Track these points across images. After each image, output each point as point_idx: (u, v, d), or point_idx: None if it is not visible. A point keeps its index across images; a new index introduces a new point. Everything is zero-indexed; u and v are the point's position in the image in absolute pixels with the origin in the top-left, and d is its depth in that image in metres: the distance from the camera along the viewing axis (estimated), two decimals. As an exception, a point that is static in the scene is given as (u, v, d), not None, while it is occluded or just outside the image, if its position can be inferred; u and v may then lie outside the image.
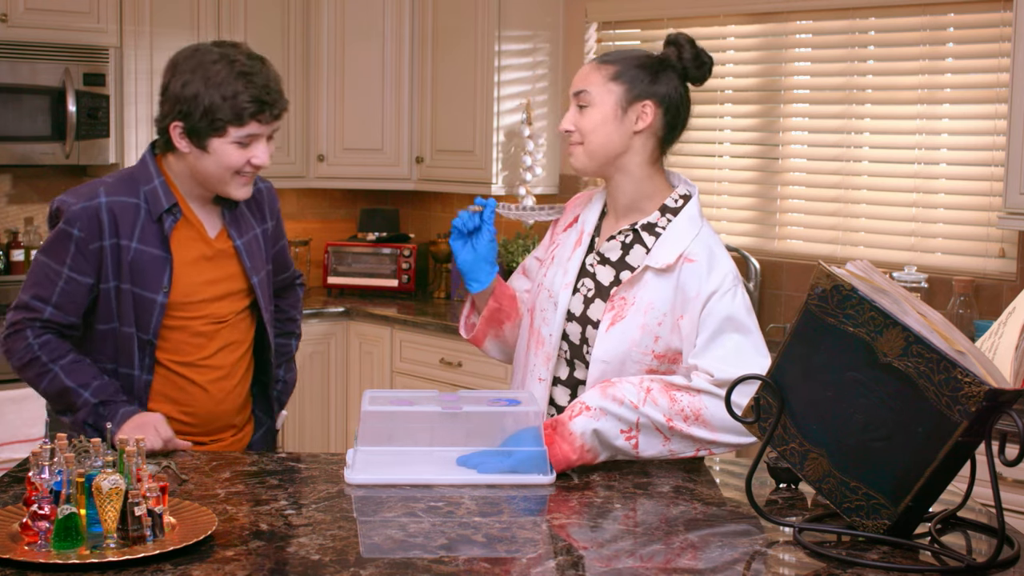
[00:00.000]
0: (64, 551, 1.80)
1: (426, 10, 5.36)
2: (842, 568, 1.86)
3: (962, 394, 1.80)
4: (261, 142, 2.52)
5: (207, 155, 2.49)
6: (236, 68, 2.45)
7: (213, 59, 2.47)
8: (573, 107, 2.49)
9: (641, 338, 2.39)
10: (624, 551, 1.93)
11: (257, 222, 2.72)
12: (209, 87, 2.44)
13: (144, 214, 2.53)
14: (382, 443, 2.32)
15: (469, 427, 2.36)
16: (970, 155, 4.03)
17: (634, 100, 2.44)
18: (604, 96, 2.44)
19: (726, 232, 4.73)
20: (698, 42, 2.49)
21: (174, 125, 2.49)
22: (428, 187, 5.49)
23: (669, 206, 2.48)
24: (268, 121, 2.50)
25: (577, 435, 2.30)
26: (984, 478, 1.97)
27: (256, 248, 2.69)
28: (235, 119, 2.45)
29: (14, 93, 4.68)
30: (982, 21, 3.98)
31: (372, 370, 5.21)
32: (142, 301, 2.53)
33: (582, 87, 2.47)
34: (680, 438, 2.33)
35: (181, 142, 2.50)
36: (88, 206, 2.49)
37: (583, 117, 2.46)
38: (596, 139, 2.46)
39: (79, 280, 2.50)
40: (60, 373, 2.50)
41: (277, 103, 2.51)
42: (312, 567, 1.81)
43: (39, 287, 2.51)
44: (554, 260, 2.57)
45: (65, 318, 2.52)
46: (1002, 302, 3.90)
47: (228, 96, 2.44)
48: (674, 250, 2.41)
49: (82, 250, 2.49)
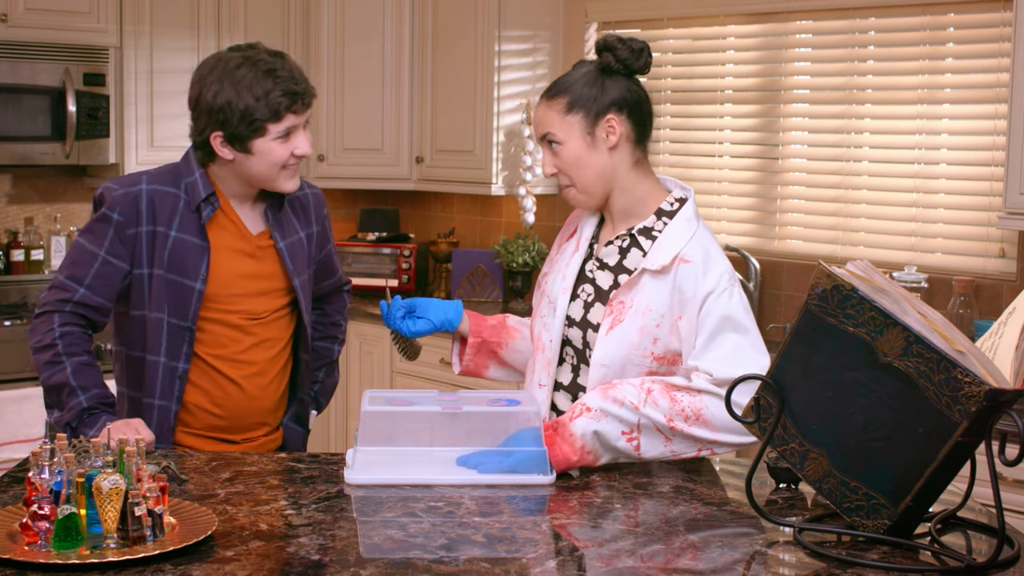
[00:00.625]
0: (64, 551, 1.80)
1: (426, 10, 5.36)
2: (842, 568, 1.86)
3: (962, 394, 1.80)
4: (299, 132, 2.57)
5: (252, 157, 2.54)
6: (261, 67, 2.51)
7: (237, 64, 2.52)
8: (546, 150, 2.49)
9: (640, 340, 2.39)
10: (624, 551, 1.93)
11: (302, 226, 2.76)
12: (240, 91, 2.49)
13: (183, 204, 2.58)
14: (382, 443, 2.32)
15: (469, 427, 2.36)
16: (970, 155, 4.03)
17: (596, 120, 2.43)
18: (568, 131, 2.44)
19: (726, 232, 4.73)
20: (633, 36, 2.48)
21: (214, 136, 2.54)
22: (428, 187, 5.49)
23: (665, 209, 2.48)
24: (302, 111, 2.56)
25: (578, 436, 2.30)
26: (984, 478, 1.97)
27: (300, 251, 2.73)
28: (272, 116, 2.51)
29: (14, 93, 4.68)
30: (982, 21, 3.98)
31: (372, 370, 5.21)
32: (180, 289, 2.58)
33: (545, 130, 2.46)
34: (681, 438, 2.33)
35: (224, 150, 2.55)
36: (129, 192, 2.56)
37: (558, 157, 2.46)
38: (582, 175, 2.46)
39: (114, 264, 2.56)
40: (68, 368, 2.53)
41: (308, 91, 2.57)
42: (312, 567, 1.81)
43: (75, 267, 2.57)
44: (554, 267, 2.58)
45: (95, 300, 2.57)
46: (1002, 302, 3.90)
47: (260, 96, 2.49)
48: (670, 252, 2.40)
49: (120, 235, 2.55)
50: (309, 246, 2.77)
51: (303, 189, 2.78)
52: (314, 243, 2.79)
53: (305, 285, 2.74)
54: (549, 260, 2.68)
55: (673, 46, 4.91)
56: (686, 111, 4.86)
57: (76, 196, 5.26)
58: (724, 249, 4.57)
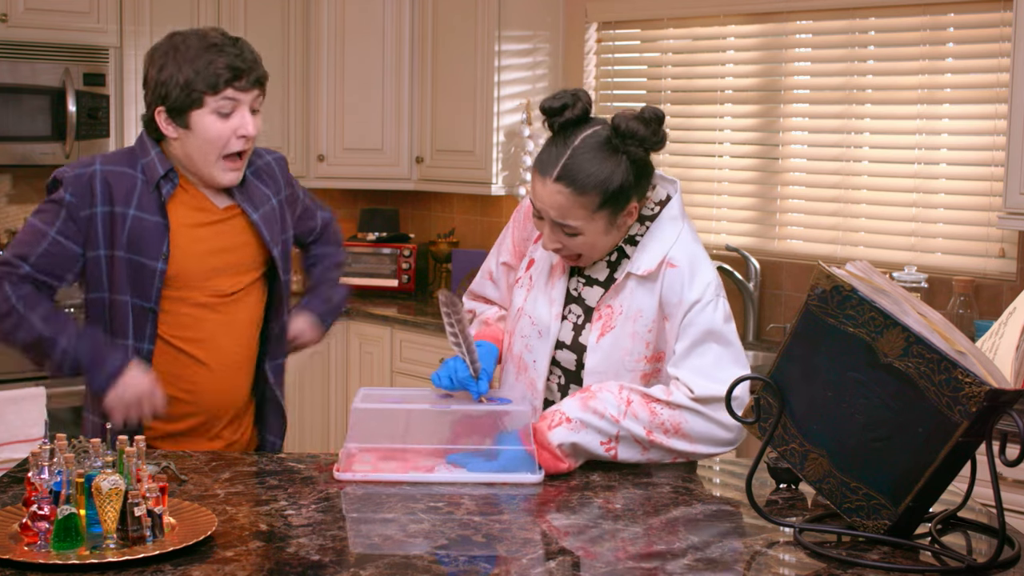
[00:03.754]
0: (64, 551, 1.80)
1: (426, 10, 5.36)
2: (842, 568, 1.86)
3: (962, 394, 1.80)
4: (243, 111, 2.50)
5: (191, 133, 2.49)
6: (208, 42, 2.47)
7: (184, 39, 2.49)
8: (553, 229, 2.34)
9: (633, 346, 2.38)
10: (624, 551, 1.93)
11: (272, 192, 2.69)
12: (182, 64, 2.46)
13: (141, 184, 2.52)
14: (372, 440, 2.32)
15: (459, 425, 2.37)
16: (970, 155, 4.03)
17: (620, 211, 2.34)
18: (591, 225, 2.33)
19: (726, 232, 4.73)
20: (644, 109, 2.34)
21: (158, 111, 2.50)
22: (428, 187, 5.49)
23: (646, 215, 2.44)
24: (246, 88, 2.49)
25: (555, 445, 2.31)
26: (984, 478, 1.97)
27: (274, 219, 2.66)
28: (210, 88, 2.46)
29: (14, 93, 4.68)
30: (982, 21, 3.98)
31: (372, 370, 5.21)
32: (141, 269, 2.51)
33: (563, 220, 2.31)
34: (659, 449, 2.34)
35: (168, 127, 2.50)
36: (82, 173, 2.50)
37: (573, 241, 2.35)
38: (597, 251, 2.39)
39: (65, 244, 2.50)
40: (36, 321, 2.47)
41: (253, 69, 2.50)
42: (312, 567, 1.81)
43: (22, 246, 2.51)
44: (532, 283, 2.50)
45: (42, 278, 2.50)
46: (1002, 302, 3.90)
47: (201, 68, 2.45)
48: (655, 255, 2.37)
49: (72, 215, 2.49)
50: (283, 211, 2.70)
51: (263, 157, 2.70)
52: (286, 207, 2.72)
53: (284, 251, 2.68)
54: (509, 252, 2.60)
55: (673, 46, 4.91)
56: (686, 111, 4.85)
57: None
58: (724, 249, 4.61)
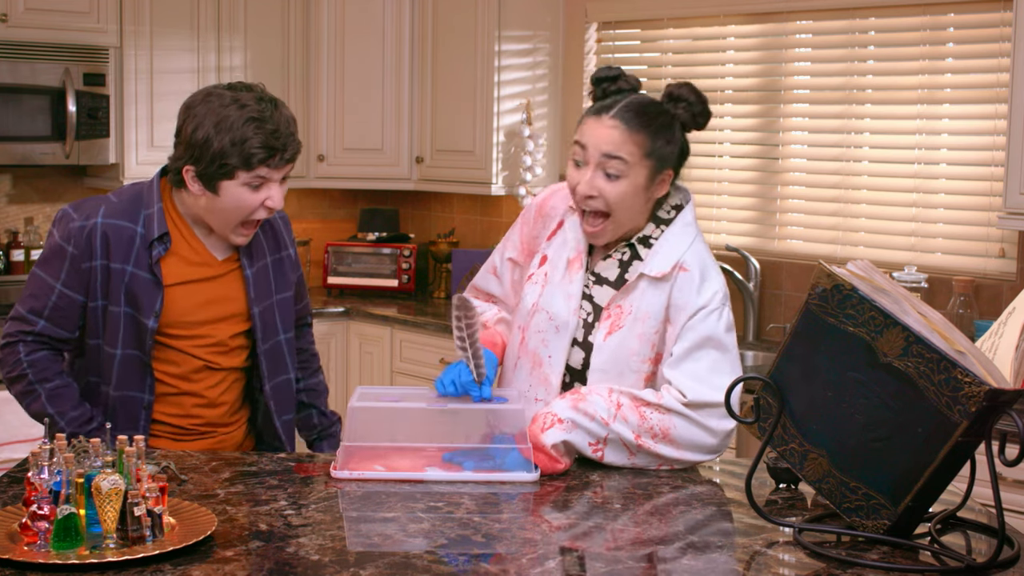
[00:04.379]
0: (63, 551, 1.80)
1: (426, 10, 5.36)
2: (842, 568, 1.86)
3: (962, 394, 1.80)
4: (273, 185, 2.51)
5: (218, 198, 2.50)
6: (247, 113, 2.44)
7: (225, 103, 2.46)
8: (595, 170, 2.36)
9: (640, 347, 2.39)
10: (624, 551, 1.93)
11: (271, 249, 2.71)
12: (220, 132, 2.44)
13: (140, 239, 2.54)
14: (369, 439, 2.33)
15: (456, 424, 2.37)
16: (970, 155, 4.03)
17: (659, 172, 2.39)
18: (638, 171, 2.35)
19: (726, 232, 4.73)
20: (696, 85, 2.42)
21: (186, 169, 2.50)
22: (428, 187, 5.49)
23: (662, 217, 2.46)
24: (278, 166, 2.49)
25: (549, 446, 2.31)
26: (984, 478, 1.97)
27: (265, 276, 2.68)
28: (244, 164, 2.45)
29: (14, 93, 4.68)
30: (982, 21, 3.98)
31: (372, 370, 5.21)
32: (137, 323, 2.55)
33: (616, 152, 2.34)
34: (645, 454, 2.35)
35: (194, 185, 2.51)
36: (85, 226, 2.52)
37: (611, 186, 2.35)
38: (624, 214, 2.38)
39: (71, 296, 2.54)
40: (43, 396, 2.53)
41: (288, 148, 2.49)
42: (312, 567, 1.81)
43: (33, 299, 2.55)
44: (548, 281, 2.50)
45: (57, 332, 2.55)
46: (1002, 302, 3.90)
47: (237, 142, 2.43)
48: (669, 259, 2.39)
49: (75, 267, 2.53)
50: (280, 268, 2.72)
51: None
52: (285, 266, 2.74)
53: (270, 310, 2.67)
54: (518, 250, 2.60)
55: (673, 46, 4.91)
56: (686, 111, 4.85)
57: (76, 196, 5.26)
58: (724, 249, 4.61)
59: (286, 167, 2.52)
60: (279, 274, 2.71)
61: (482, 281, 2.70)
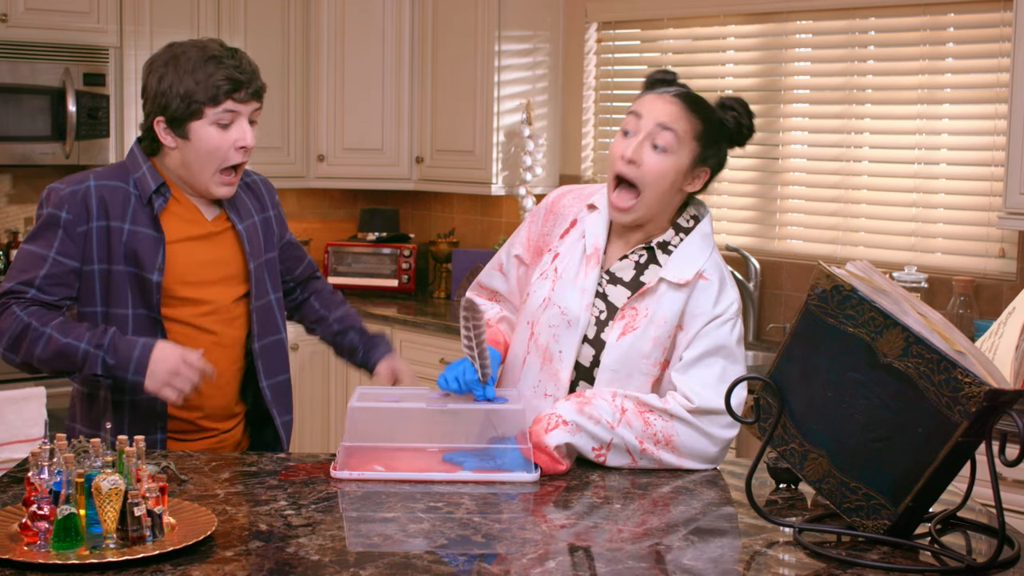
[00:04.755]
0: (63, 551, 1.80)
1: (426, 10, 5.36)
2: (842, 568, 1.86)
3: (962, 394, 1.80)
4: (242, 122, 2.54)
5: (190, 144, 2.52)
6: (207, 53, 2.50)
7: (184, 50, 2.52)
8: (644, 140, 2.37)
9: (651, 351, 2.40)
10: (624, 551, 1.93)
11: (256, 210, 2.73)
12: (182, 75, 2.49)
13: (135, 199, 2.55)
14: (368, 439, 2.33)
15: (455, 424, 2.37)
16: (970, 155, 4.03)
17: (699, 164, 2.41)
18: (684, 152, 2.38)
19: (726, 232, 4.72)
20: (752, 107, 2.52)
21: (156, 121, 2.53)
22: (428, 187, 5.49)
23: (681, 225, 2.48)
24: (245, 100, 2.52)
25: (552, 448, 2.31)
26: (984, 478, 1.97)
27: (255, 235, 2.70)
28: (210, 100, 2.49)
29: (14, 93, 4.68)
30: (982, 21, 3.98)
31: (372, 370, 5.20)
32: (141, 281, 2.54)
33: (671, 124, 2.36)
34: (648, 460, 2.35)
35: (166, 137, 2.53)
36: (77, 190, 2.53)
37: (655, 158, 2.36)
38: (655, 196, 2.39)
39: (65, 263, 2.52)
40: (54, 333, 2.48)
41: (252, 81, 2.54)
42: (312, 567, 1.81)
43: (23, 273, 2.52)
44: (559, 274, 2.50)
45: (49, 299, 2.52)
46: (1002, 302, 3.90)
47: (201, 79, 2.48)
48: (692, 266, 2.41)
49: (69, 233, 2.52)
50: (267, 229, 2.74)
51: (250, 176, 2.76)
52: (272, 226, 2.77)
53: (261, 269, 2.70)
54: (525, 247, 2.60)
55: (673, 46, 4.91)
56: (686, 111, 4.85)
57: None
58: (724, 249, 4.60)
59: (252, 103, 2.55)
60: (268, 233, 2.75)
61: (487, 278, 2.71)
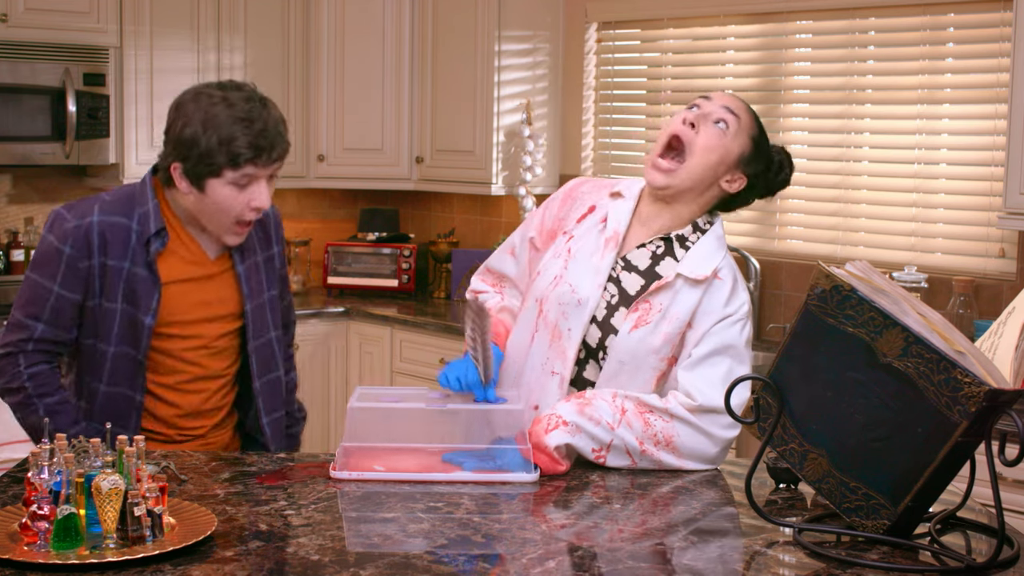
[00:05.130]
0: (63, 551, 1.80)
1: (426, 10, 5.36)
2: (842, 568, 1.86)
3: (962, 394, 1.80)
4: (259, 184, 2.52)
5: (205, 197, 2.51)
6: (235, 112, 2.46)
7: (214, 102, 2.48)
8: (706, 118, 2.42)
9: (661, 346, 2.40)
10: (624, 551, 1.93)
11: (262, 248, 2.72)
12: (207, 131, 2.46)
13: (136, 236, 2.55)
14: (368, 439, 2.33)
15: (455, 424, 2.37)
16: (970, 155, 4.03)
17: (744, 165, 2.44)
18: (738, 138, 2.42)
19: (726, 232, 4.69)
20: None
21: (174, 166, 2.52)
22: (428, 187, 5.49)
23: (699, 225, 2.50)
24: (265, 164, 2.50)
25: (552, 448, 2.31)
26: (984, 478, 1.96)
27: (256, 274, 2.69)
28: (230, 163, 2.47)
29: (14, 93, 4.68)
30: (982, 21, 3.98)
31: (372, 370, 5.21)
32: (134, 320, 2.55)
33: (738, 111, 2.43)
34: (648, 461, 2.35)
35: (182, 183, 2.52)
36: (80, 224, 2.53)
37: (710, 131, 2.41)
38: (700, 164, 2.42)
39: (68, 297, 2.53)
40: (41, 411, 2.52)
41: (275, 147, 2.50)
42: (312, 567, 1.81)
43: (30, 305, 2.55)
44: (572, 255, 2.50)
45: (56, 334, 2.55)
46: (1002, 302, 3.90)
47: (224, 140, 2.45)
48: (709, 264, 2.43)
49: (72, 267, 2.52)
50: (269, 266, 2.73)
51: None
52: (274, 265, 2.76)
53: (261, 308, 2.69)
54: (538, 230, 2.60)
55: (673, 46, 4.91)
56: (686, 111, 4.85)
57: (76, 196, 5.25)
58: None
59: (273, 166, 2.53)
60: (270, 271, 2.74)
61: (497, 262, 2.70)
